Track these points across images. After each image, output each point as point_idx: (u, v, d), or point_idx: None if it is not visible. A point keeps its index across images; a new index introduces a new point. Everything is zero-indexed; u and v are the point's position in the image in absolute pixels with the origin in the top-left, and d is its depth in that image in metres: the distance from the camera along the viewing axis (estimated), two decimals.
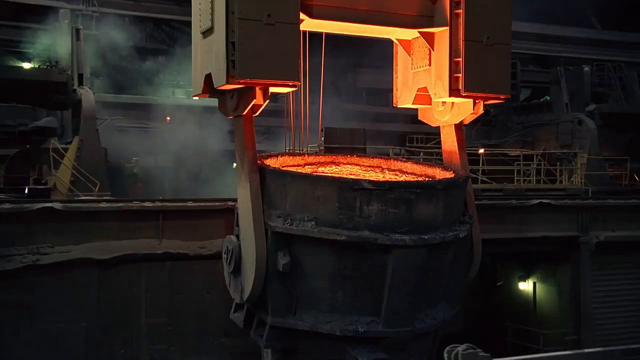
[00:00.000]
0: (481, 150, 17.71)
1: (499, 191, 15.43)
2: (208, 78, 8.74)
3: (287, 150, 11.14)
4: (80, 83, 16.24)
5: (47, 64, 18.15)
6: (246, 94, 8.50)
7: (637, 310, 14.27)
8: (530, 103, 25.29)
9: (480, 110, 9.80)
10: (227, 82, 8.19)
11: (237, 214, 9.35)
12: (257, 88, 8.30)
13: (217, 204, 11.33)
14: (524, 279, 15.15)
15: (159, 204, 11.22)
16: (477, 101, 9.67)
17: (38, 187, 13.69)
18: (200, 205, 11.33)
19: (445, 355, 4.13)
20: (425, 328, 9.04)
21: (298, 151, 11.32)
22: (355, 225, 8.32)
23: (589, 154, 19.27)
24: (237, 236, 9.26)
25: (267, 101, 8.48)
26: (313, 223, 8.40)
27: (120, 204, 11.01)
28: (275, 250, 8.61)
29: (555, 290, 14.43)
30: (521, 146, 21.37)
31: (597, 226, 13.96)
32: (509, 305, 15.33)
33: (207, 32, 8.72)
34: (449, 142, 10.36)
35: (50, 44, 18.74)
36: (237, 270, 9.17)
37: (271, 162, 9.53)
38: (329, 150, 12.91)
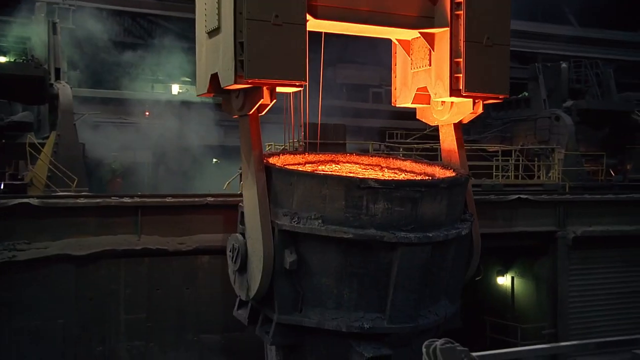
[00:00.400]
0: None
1: (478, 187, 15.53)
2: (214, 78, 8.79)
3: (268, 146, 11.15)
4: (57, 77, 16.06)
5: (23, 57, 17.90)
6: (253, 93, 8.57)
7: (613, 304, 14.46)
8: (509, 99, 25.46)
9: (480, 110, 10.00)
10: (235, 82, 8.25)
11: (242, 212, 9.43)
12: (264, 88, 8.37)
13: (196, 199, 11.30)
14: (502, 273, 15.27)
15: (137, 199, 11.12)
16: (476, 101, 9.85)
17: (14, 182, 13.52)
18: (180, 200, 11.27)
19: (424, 349, 4.15)
20: (429, 324, 9.22)
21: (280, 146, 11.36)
22: (362, 224, 8.46)
23: (566, 149, 19.48)
24: (242, 234, 9.33)
25: (274, 100, 8.56)
26: (320, 221, 8.51)
27: (98, 200, 10.91)
28: (282, 248, 8.71)
29: (533, 284, 14.57)
30: (500, 142, 21.53)
31: (574, 221, 14.10)
32: (487, 300, 15.45)
33: (214, 32, 8.75)
34: (448, 141, 10.51)
35: (26, 37, 18.51)
36: (243, 268, 9.25)
37: (274, 161, 9.63)
38: (309, 146, 12.89)
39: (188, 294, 11.16)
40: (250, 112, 8.72)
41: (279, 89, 8.60)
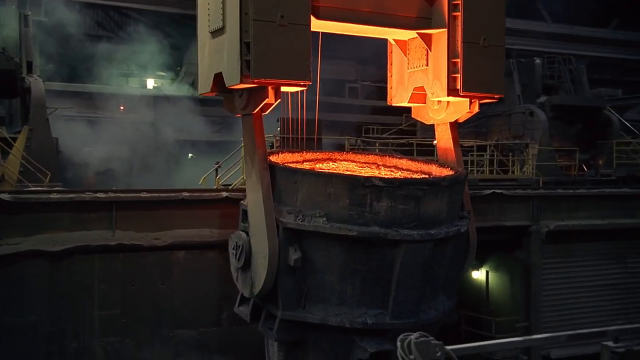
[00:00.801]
0: (436, 142, 17.90)
1: None
2: (218, 77, 8.83)
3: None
4: (29, 70, 15.82)
5: None
6: (257, 93, 8.64)
7: (585, 297, 14.67)
8: None
9: (476, 109, 10.20)
10: (241, 82, 8.31)
11: (244, 210, 9.49)
12: (269, 87, 8.45)
13: (171, 194, 11.23)
14: (477, 268, 15.41)
15: (112, 194, 11.01)
16: (473, 100, 10.05)
17: None
18: (154, 196, 11.18)
19: (399, 343, 4.18)
20: (429, 319, 9.40)
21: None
22: (366, 221, 8.58)
23: (539, 144, 19.69)
24: (245, 232, 9.37)
25: (279, 100, 8.66)
26: (324, 219, 8.62)
27: (71, 195, 10.77)
28: (286, 246, 8.80)
29: (507, 278, 14.72)
30: (474, 137, 21.70)
31: (548, 215, 14.26)
32: (462, 294, 15.52)
33: (217, 32, 8.80)
34: (444, 139, 10.69)
35: None
36: (246, 266, 9.31)
37: (274, 159, 9.69)
38: (284, 141, 12.88)
39: (163, 289, 11.09)
40: (255, 111, 8.79)
41: (284, 89, 8.72)
